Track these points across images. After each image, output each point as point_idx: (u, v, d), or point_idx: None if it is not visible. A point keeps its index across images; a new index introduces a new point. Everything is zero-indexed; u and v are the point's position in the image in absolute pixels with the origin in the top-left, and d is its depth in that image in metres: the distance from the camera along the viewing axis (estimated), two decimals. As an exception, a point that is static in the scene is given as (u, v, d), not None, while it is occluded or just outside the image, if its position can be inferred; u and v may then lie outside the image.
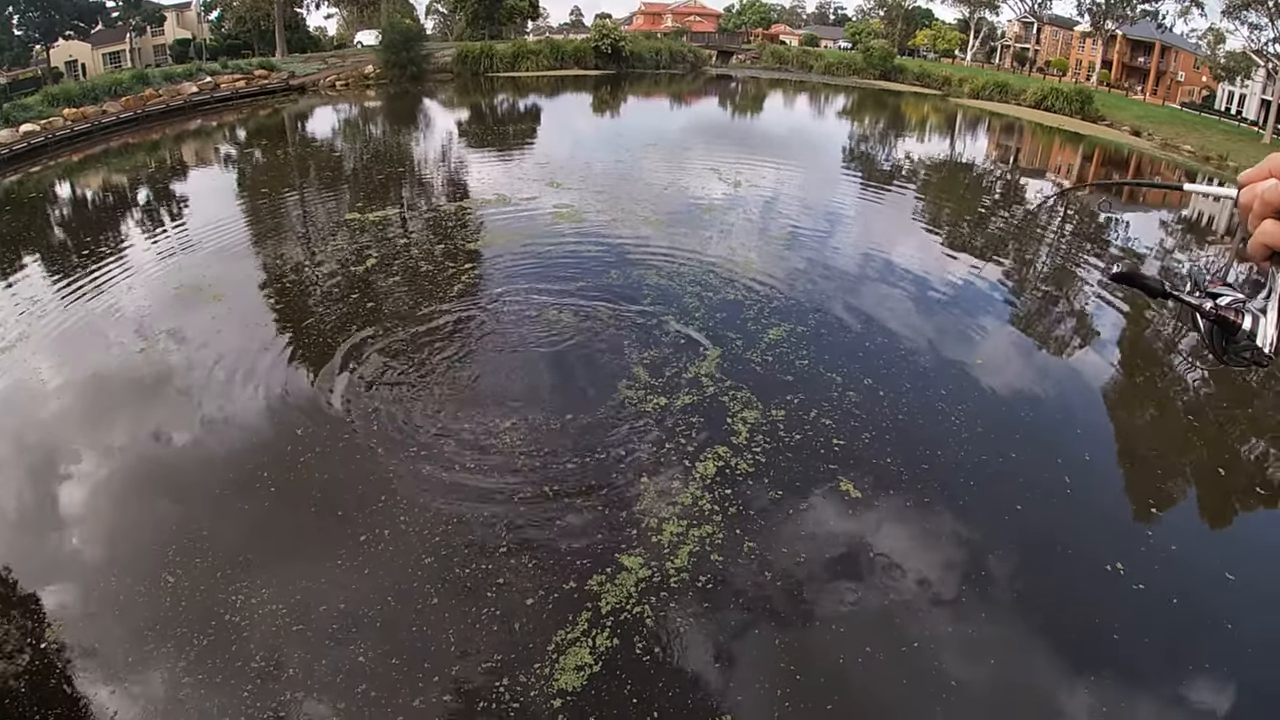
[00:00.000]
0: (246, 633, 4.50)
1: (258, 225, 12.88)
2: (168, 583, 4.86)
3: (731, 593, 5.02)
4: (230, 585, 4.84)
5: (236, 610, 4.65)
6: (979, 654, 4.81)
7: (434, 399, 7.16)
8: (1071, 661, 4.83)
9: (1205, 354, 1.00)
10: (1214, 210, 25.79)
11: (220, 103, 28.79)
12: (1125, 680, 4.75)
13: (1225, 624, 5.31)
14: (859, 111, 41.96)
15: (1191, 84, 61.71)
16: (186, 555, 5.09)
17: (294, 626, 4.56)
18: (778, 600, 5.03)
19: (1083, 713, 4.51)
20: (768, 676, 4.48)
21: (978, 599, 5.28)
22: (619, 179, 17.27)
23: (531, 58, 43.76)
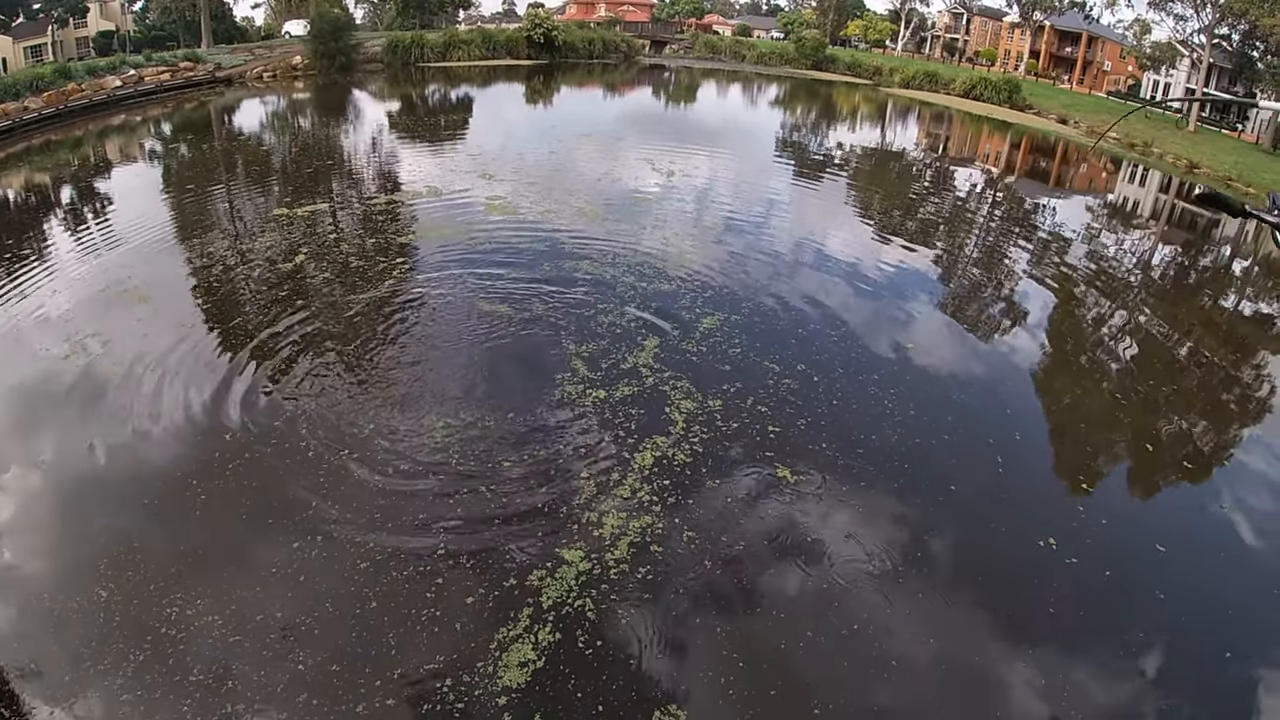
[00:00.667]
0: (183, 646, 4.37)
1: (185, 223, 12.44)
2: (101, 597, 4.68)
3: (672, 583, 5.05)
4: (164, 598, 4.68)
5: (172, 623, 4.51)
6: (919, 633, 4.93)
7: (366, 398, 7.02)
8: (1009, 636, 5.00)
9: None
10: (1138, 195, 26.78)
11: (144, 96, 27.68)
12: (1062, 652, 4.92)
13: (1157, 593, 5.55)
14: (791, 101, 42.41)
15: (1118, 73, 63.92)
16: (119, 568, 4.90)
17: (231, 638, 4.44)
18: (718, 589, 5.07)
19: (1022, 685, 4.66)
20: (711, 665, 4.52)
21: (916, 579, 5.41)
22: (552, 170, 17.14)
23: (463, 47, 43.11)
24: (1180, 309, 13.09)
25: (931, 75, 51.27)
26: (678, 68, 53.11)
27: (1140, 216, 22.22)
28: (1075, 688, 4.69)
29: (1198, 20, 42.73)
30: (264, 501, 5.56)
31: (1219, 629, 5.35)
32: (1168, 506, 7.01)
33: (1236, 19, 40.74)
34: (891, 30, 70.61)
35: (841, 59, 58.13)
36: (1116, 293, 13.25)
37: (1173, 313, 12.69)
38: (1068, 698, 4.60)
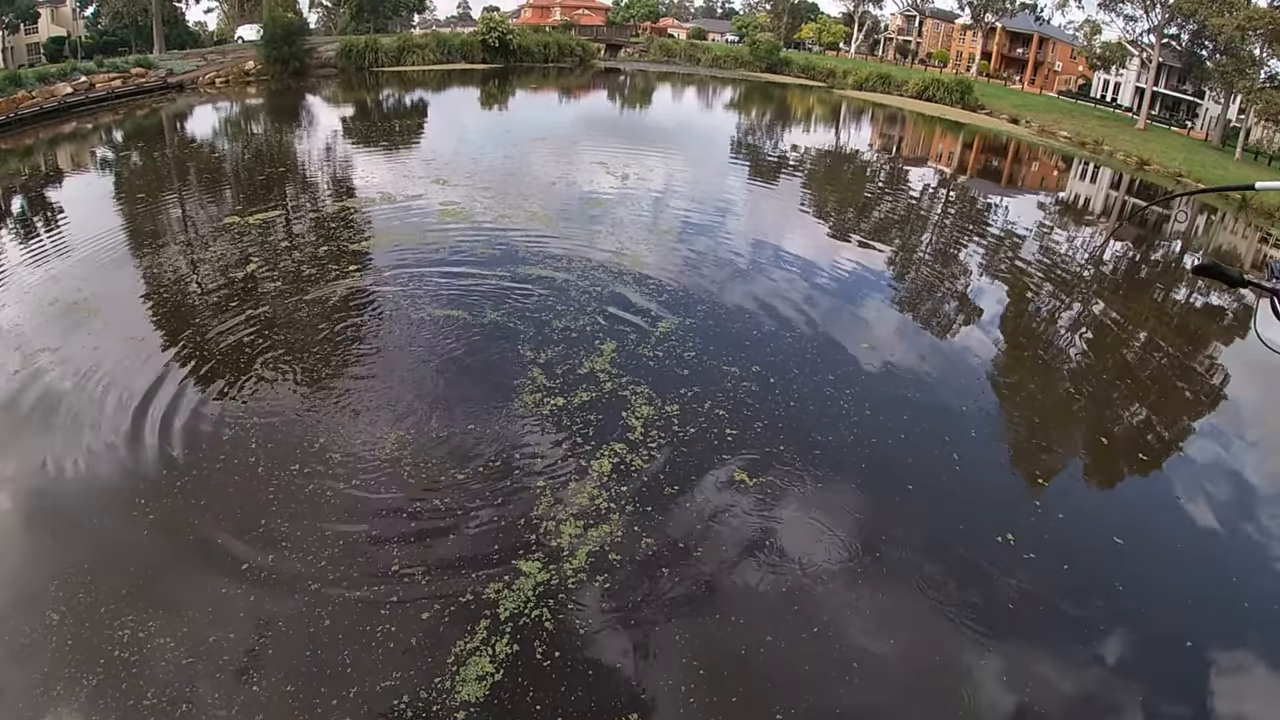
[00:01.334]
0: (136, 669, 4.24)
1: (136, 232, 12.13)
2: (53, 620, 4.52)
3: (631, 591, 5.03)
4: (116, 620, 4.54)
5: (125, 646, 4.38)
6: (879, 632, 4.97)
7: (317, 410, 6.89)
8: (969, 632, 5.05)
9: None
10: (1089, 192, 27.36)
11: (96, 103, 26.99)
12: (1023, 646, 5.00)
13: (1116, 585, 5.65)
14: (746, 104, 42.73)
15: (1068, 73, 65.40)
16: (70, 590, 4.74)
17: (184, 660, 4.32)
18: (678, 595, 5.06)
19: (983, 680, 4.72)
20: (671, 672, 4.50)
21: (875, 579, 5.46)
22: (507, 175, 17.06)
23: (418, 52, 42.74)
24: (1132, 303, 13.42)
25: (885, 77, 52.01)
26: (633, 71, 53.22)
27: (1091, 213, 22.72)
28: (1037, 681, 4.77)
29: (1147, 20, 43.87)
30: (213, 520, 5.41)
31: (1178, 619, 5.48)
32: (1124, 499, 7.15)
33: (1185, 19, 41.88)
34: (845, 33, 71.48)
35: (796, 61, 58.72)
36: (1069, 288, 13.54)
37: (1125, 307, 13.00)
38: (1030, 691, 4.68)
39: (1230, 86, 39.64)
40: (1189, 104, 53.56)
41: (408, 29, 55.59)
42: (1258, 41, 37.42)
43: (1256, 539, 6.78)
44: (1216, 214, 26.58)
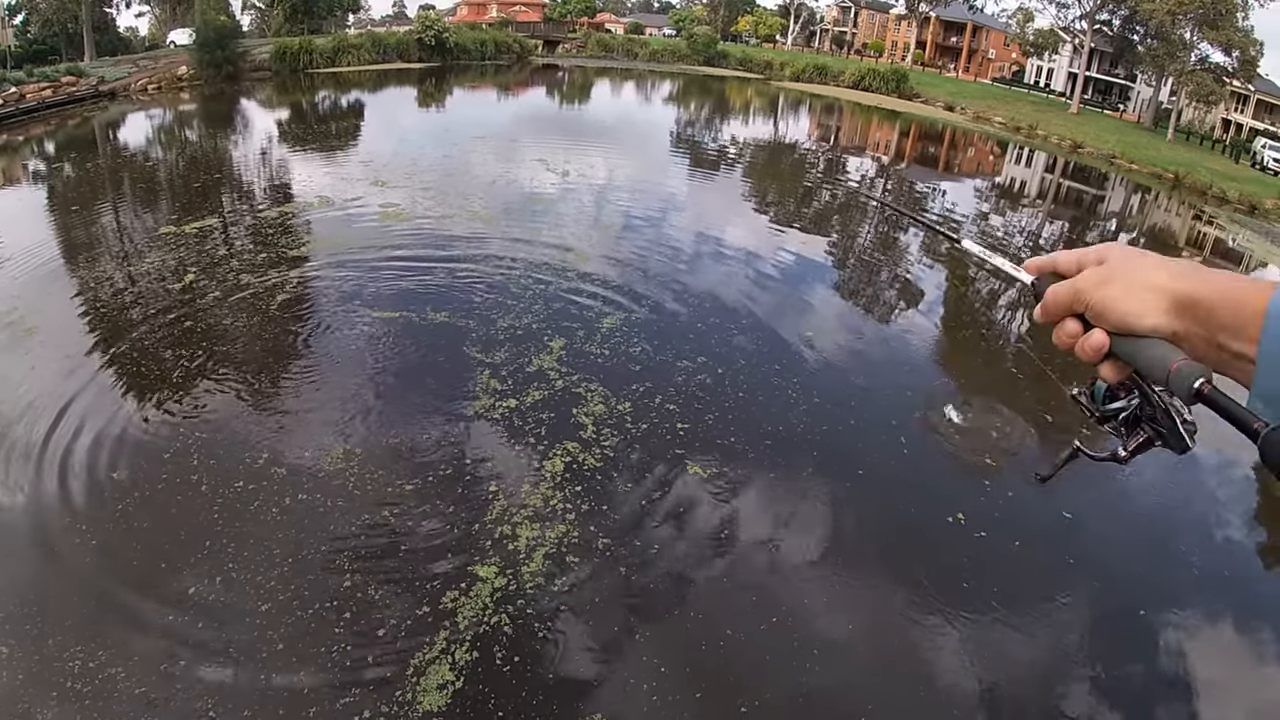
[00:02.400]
0: (89, 701, 4.09)
1: (71, 245, 11.71)
2: (1, 654, 4.36)
3: (589, 591, 5.03)
4: (65, 651, 4.37)
5: (76, 677, 4.22)
6: (837, 617, 5.07)
7: (260, 423, 6.72)
8: (925, 613, 5.16)
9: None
10: (1025, 175, 28.05)
11: (27, 114, 25.92)
12: (978, 622, 5.12)
13: (1067, 559, 5.82)
14: (685, 97, 42.93)
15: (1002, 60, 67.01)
16: (15, 623, 4.55)
17: (136, 689, 4.18)
18: (636, 593, 5.08)
19: (940, 658, 4.83)
20: (634, 670, 4.51)
21: (830, 565, 5.55)
22: (447, 174, 16.90)
23: (353, 52, 42.03)
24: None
25: (821, 68, 52.73)
26: (571, 67, 53.05)
27: (1027, 196, 23.30)
28: (994, 655, 4.91)
29: (1079, 7, 45.18)
30: (158, 544, 5.25)
31: (1129, 589, 5.67)
32: (1071, 474, 7.32)
33: (1117, 4, 43.06)
34: (781, 25, 72.27)
35: (733, 54, 59.20)
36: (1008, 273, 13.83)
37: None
38: (987, 664, 4.81)
39: (1162, 70, 41.01)
40: (1121, 88, 55.31)
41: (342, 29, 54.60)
42: (1188, 25, 38.73)
43: (1202, 507, 7.05)
44: (1150, 193, 27.46)
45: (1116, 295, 0.84)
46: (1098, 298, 0.85)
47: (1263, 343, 0.73)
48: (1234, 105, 46.61)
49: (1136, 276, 0.84)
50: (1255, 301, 0.74)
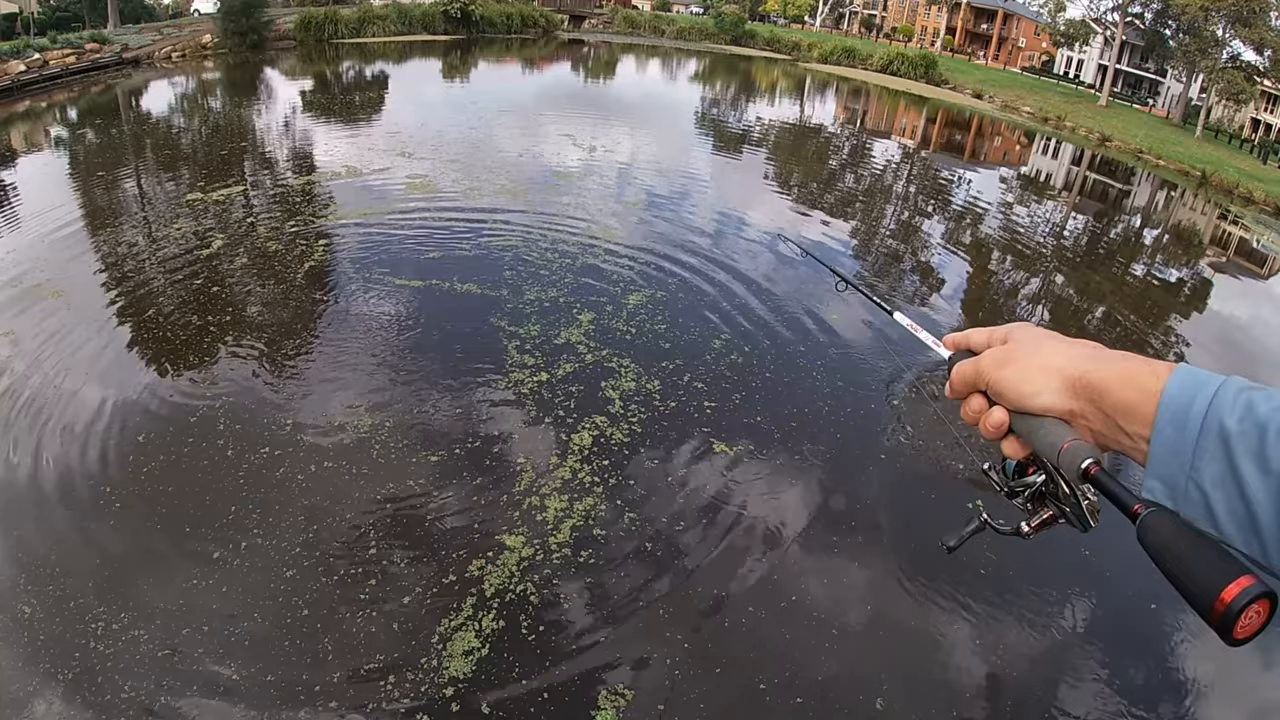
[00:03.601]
0: (111, 662, 4.12)
1: (96, 212, 11.75)
2: (24, 614, 4.39)
3: (614, 565, 5.01)
4: (87, 613, 4.40)
5: (99, 638, 4.25)
6: (856, 601, 5.01)
7: (287, 390, 6.73)
8: (944, 600, 5.10)
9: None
10: (1050, 167, 27.67)
11: (50, 81, 26.06)
12: (994, 611, 5.06)
13: (1082, 550, 5.73)
14: (711, 76, 42.50)
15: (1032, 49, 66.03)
16: (39, 583, 4.59)
17: (159, 652, 4.20)
18: (660, 569, 5.05)
19: (959, 645, 4.78)
20: (655, 646, 4.49)
21: (850, 548, 5.50)
22: (472, 147, 16.82)
23: (378, 23, 41.94)
24: (1092, 275, 13.61)
25: (849, 51, 52.08)
26: (597, 43, 52.67)
27: (1053, 188, 22.98)
28: (1008, 643, 4.85)
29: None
30: (182, 508, 5.27)
31: (1143, 580, 5.57)
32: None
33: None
34: (810, 6, 71.41)
35: (761, 34, 58.61)
36: (1030, 261, 13.70)
37: (1084, 280, 13.19)
38: (1001, 653, 4.76)
39: (1192, 65, 40.27)
40: (1151, 82, 54.39)
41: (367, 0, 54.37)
42: (1220, 21, 38.03)
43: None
44: (1176, 190, 27.03)
45: (1014, 375, 0.87)
46: (997, 376, 0.89)
47: (1158, 425, 0.74)
48: (1264, 105, 45.73)
49: (1035, 358, 0.87)
50: (1150, 384, 0.76)
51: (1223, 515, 0.69)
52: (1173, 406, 0.73)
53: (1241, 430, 0.68)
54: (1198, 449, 0.71)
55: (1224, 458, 0.69)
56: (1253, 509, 0.67)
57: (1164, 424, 0.73)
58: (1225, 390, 0.72)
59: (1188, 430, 0.72)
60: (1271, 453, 0.66)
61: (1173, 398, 0.73)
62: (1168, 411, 0.73)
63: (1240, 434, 0.68)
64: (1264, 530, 0.67)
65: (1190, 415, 0.72)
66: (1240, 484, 0.68)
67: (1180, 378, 0.75)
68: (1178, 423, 0.72)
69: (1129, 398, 0.77)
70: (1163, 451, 0.74)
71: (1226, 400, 0.71)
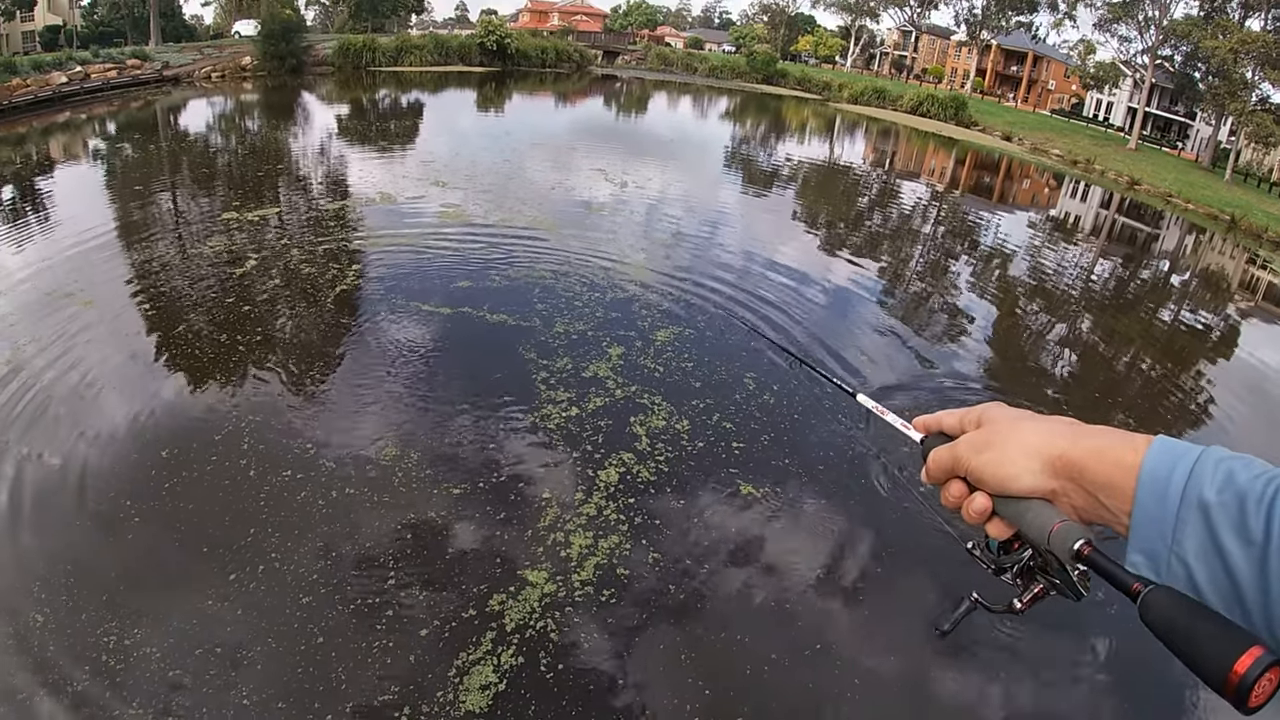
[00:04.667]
0: (120, 678, 4.05)
1: (131, 225, 11.95)
2: (37, 622, 4.34)
3: (638, 606, 4.89)
4: (99, 626, 4.35)
5: (110, 652, 4.19)
6: (881, 653, 4.85)
7: (312, 413, 6.70)
8: (968, 648, 4.94)
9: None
10: (1079, 210, 27.50)
11: (91, 94, 26.78)
12: (1022, 661, 4.89)
13: (1109, 609, 5.53)
14: (742, 114, 42.84)
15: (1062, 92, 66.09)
16: (52, 592, 4.55)
17: (170, 671, 4.13)
18: (683, 613, 4.93)
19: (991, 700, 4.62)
20: (676, 691, 4.36)
21: (876, 598, 5.35)
22: (505, 178, 16.98)
23: (415, 52, 42.77)
24: (1119, 320, 13.44)
25: (880, 91, 52.36)
26: (630, 78, 53.32)
27: (1081, 231, 22.83)
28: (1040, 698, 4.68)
29: (1142, 41, 44.47)
30: (200, 526, 5.22)
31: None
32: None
33: (1180, 41, 42.36)
34: (841, 46, 72.01)
35: (792, 74, 59.11)
36: (1057, 304, 13.56)
37: (1111, 323, 13.03)
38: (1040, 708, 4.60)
39: (1222, 109, 40.12)
40: (1180, 125, 54.16)
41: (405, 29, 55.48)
42: (1250, 65, 37.91)
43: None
44: (1205, 234, 26.79)
45: (993, 460, 0.87)
46: (976, 463, 0.89)
47: (1138, 499, 0.74)
48: (1293, 148, 45.36)
49: (1012, 439, 0.86)
50: (1129, 458, 0.76)
51: (1205, 587, 0.69)
52: (1152, 480, 0.73)
53: (1221, 501, 0.68)
54: (1178, 522, 0.71)
55: (1205, 529, 0.69)
56: (1235, 579, 0.67)
57: (1144, 497, 0.74)
58: (1204, 461, 0.72)
59: (1168, 503, 0.72)
60: (1252, 523, 0.66)
61: (1151, 471, 0.74)
62: (1147, 485, 0.74)
63: (1220, 505, 0.68)
64: (1248, 601, 0.67)
65: (1170, 488, 0.72)
66: (1222, 555, 0.68)
67: (1158, 451, 0.75)
68: (1158, 496, 0.73)
69: (1108, 474, 0.78)
70: (1144, 525, 0.74)
71: (1206, 471, 0.71)
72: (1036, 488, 0.84)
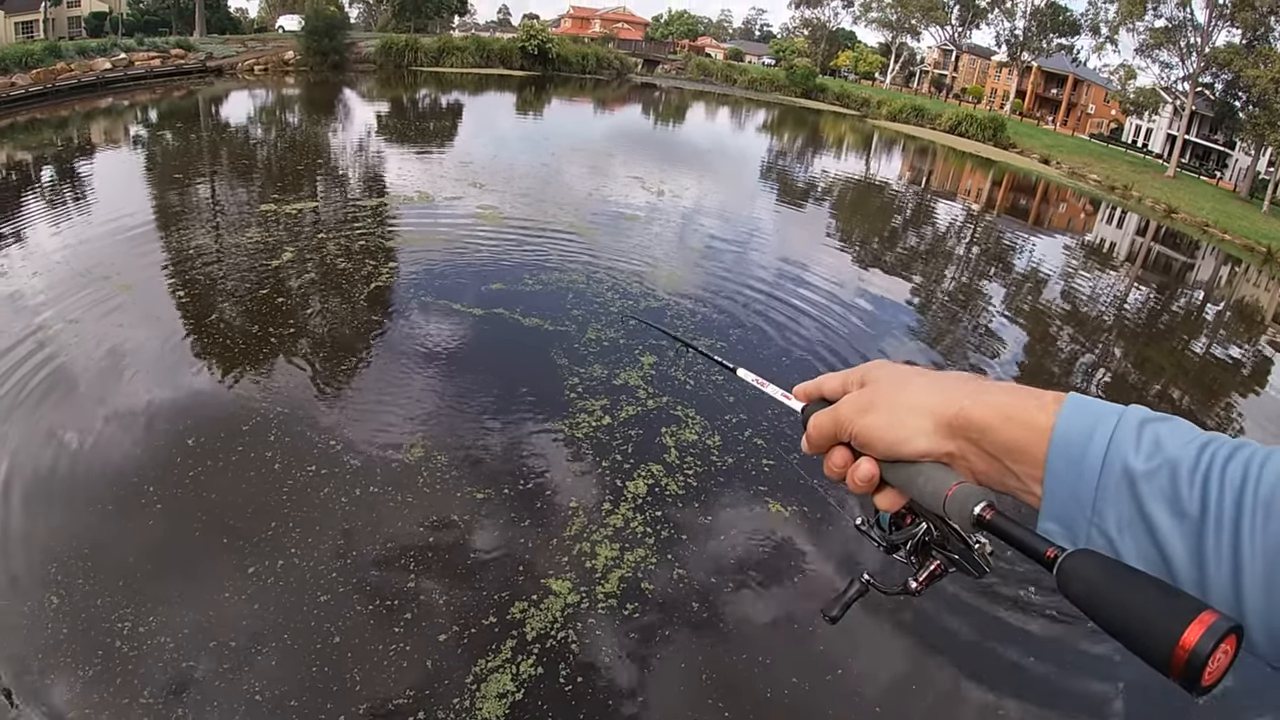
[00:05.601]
0: (132, 665, 4.01)
1: (169, 211, 12.10)
2: (52, 604, 4.32)
3: (661, 621, 4.78)
4: (114, 612, 4.31)
5: (124, 638, 4.15)
6: (904, 680, 4.71)
7: (340, 411, 6.65)
8: (995, 681, 4.78)
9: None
10: (1115, 236, 27.09)
11: (134, 81, 27.29)
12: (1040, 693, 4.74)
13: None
14: (779, 127, 42.71)
15: (1101, 116, 65.31)
16: (69, 575, 4.53)
17: (183, 662, 4.08)
18: (706, 630, 4.81)
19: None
20: (695, 710, 4.25)
21: (899, 623, 5.20)
22: (543, 182, 17.00)
23: (457, 54, 43.15)
24: (1150, 348, 13.18)
25: (918, 109, 52.05)
26: (669, 88, 53.43)
27: (1116, 257, 22.49)
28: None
29: (1183, 68, 43.86)
30: (222, 516, 5.18)
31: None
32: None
33: (1221, 69, 41.76)
34: (881, 63, 71.73)
35: (831, 89, 58.94)
36: (1088, 330, 13.33)
37: (1142, 352, 12.78)
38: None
39: (1262, 138, 39.49)
40: (1219, 154, 53.35)
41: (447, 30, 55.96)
42: (1291, 95, 37.24)
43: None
44: (1241, 265, 26.30)
45: (879, 421, 0.77)
46: (860, 425, 0.79)
47: (1051, 465, 0.67)
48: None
49: (901, 399, 0.77)
50: (1040, 418, 0.68)
51: (1131, 561, 0.62)
52: (1067, 444, 0.66)
53: (1149, 470, 0.62)
54: (1100, 491, 0.64)
55: (1131, 500, 0.62)
56: (1167, 554, 0.61)
57: (1058, 464, 0.66)
58: (1126, 423, 0.65)
59: (1086, 470, 0.64)
60: (1185, 495, 0.60)
61: (1066, 434, 0.66)
62: (1062, 450, 0.66)
63: (1148, 474, 0.62)
64: (1180, 576, 0.60)
65: (1088, 453, 0.65)
66: (1151, 529, 0.61)
67: (1073, 411, 0.67)
68: (1074, 462, 0.65)
69: (1015, 436, 0.69)
70: (1059, 493, 0.66)
71: (1128, 436, 0.64)
72: (930, 450, 0.74)
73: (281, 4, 51.47)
